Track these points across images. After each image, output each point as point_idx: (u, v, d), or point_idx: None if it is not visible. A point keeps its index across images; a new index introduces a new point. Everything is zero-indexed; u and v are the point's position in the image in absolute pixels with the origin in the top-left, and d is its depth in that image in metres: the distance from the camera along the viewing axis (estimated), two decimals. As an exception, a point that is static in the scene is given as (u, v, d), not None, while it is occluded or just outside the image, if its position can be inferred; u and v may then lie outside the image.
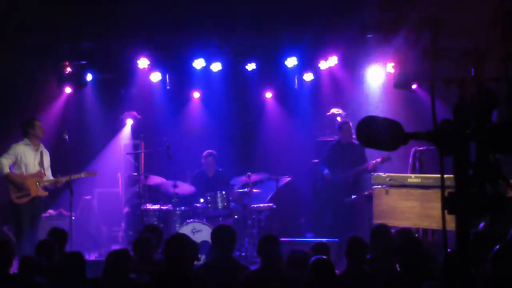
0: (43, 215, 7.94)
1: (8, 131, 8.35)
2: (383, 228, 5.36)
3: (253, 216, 8.60)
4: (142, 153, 9.59)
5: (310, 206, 9.89)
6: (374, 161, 8.41)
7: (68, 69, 9.31)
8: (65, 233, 5.87)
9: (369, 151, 8.44)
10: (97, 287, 4.43)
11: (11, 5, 7.71)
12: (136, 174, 8.91)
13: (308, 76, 10.25)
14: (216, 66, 9.81)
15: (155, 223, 8.49)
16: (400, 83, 8.58)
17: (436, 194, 6.94)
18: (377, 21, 7.77)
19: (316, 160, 9.47)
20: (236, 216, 8.72)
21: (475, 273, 2.16)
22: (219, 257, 5.01)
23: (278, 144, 10.58)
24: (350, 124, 8.80)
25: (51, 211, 8.78)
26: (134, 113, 10.27)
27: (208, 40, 9.24)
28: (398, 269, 4.57)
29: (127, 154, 9.75)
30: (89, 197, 9.54)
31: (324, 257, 4.30)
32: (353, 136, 8.77)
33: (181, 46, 9.46)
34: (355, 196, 8.58)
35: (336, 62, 9.64)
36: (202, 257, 7.00)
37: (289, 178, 9.62)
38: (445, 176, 2.26)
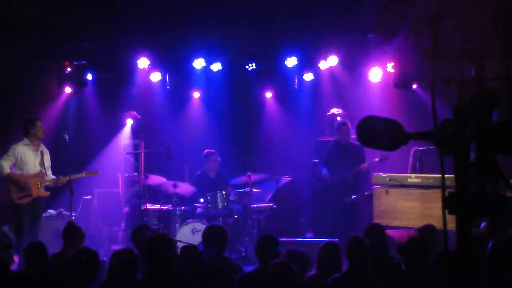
0: (43, 215, 7.94)
1: (8, 131, 8.35)
2: (376, 227, 5.36)
3: (253, 216, 8.60)
4: (142, 153, 9.58)
5: (310, 206, 9.90)
6: (366, 164, 8.45)
7: (68, 69, 9.31)
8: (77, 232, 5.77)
9: (369, 151, 8.45)
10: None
11: (11, 5, 7.71)
12: (136, 174, 8.90)
13: (308, 76, 10.26)
14: (216, 66, 9.81)
15: (155, 223, 8.51)
16: (400, 83, 8.57)
17: (436, 194, 6.94)
18: (377, 21, 7.77)
19: (316, 160, 9.48)
20: (236, 216, 8.72)
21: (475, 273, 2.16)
22: (211, 257, 5.00)
23: (278, 144, 10.58)
24: (349, 125, 8.83)
25: (51, 211, 8.78)
26: (134, 113, 10.26)
27: (208, 40, 9.24)
28: (403, 268, 4.57)
29: (127, 154, 9.75)
30: (89, 197, 9.53)
31: (282, 259, 4.32)
32: (353, 136, 8.79)
33: (181, 46, 9.46)
34: (355, 196, 8.59)
35: (336, 62, 9.64)
36: None
37: (289, 178, 9.63)
38: (445, 176, 2.26)
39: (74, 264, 4.34)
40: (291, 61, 9.70)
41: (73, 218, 7.88)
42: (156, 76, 10.01)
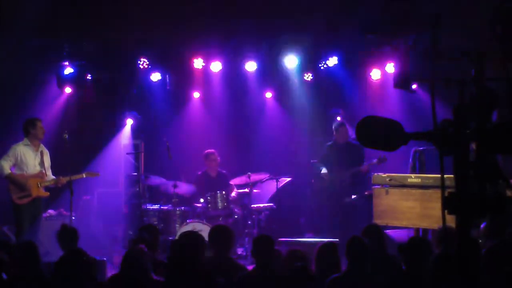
0: (43, 215, 7.94)
1: (8, 131, 8.35)
2: (374, 227, 5.36)
3: (253, 216, 8.61)
4: (142, 153, 9.58)
5: (310, 206, 9.90)
6: (367, 164, 8.47)
7: (68, 69, 9.30)
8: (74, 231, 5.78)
9: (368, 151, 8.45)
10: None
11: (11, 5, 7.71)
12: (136, 174, 8.90)
13: (308, 76, 10.26)
14: (216, 66, 9.81)
15: (155, 223, 8.50)
16: (400, 83, 8.57)
17: (436, 194, 6.93)
18: (377, 21, 7.77)
19: (315, 160, 9.49)
20: (236, 216, 8.72)
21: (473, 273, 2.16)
22: (216, 257, 5.00)
23: (278, 144, 10.58)
24: (346, 125, 8.84)
25: (51, 211, 8.77)
26: (134, 113, 10.27)
27: (208, 40, 9.23)
28: (403, 268, 4.58)
29: (127, 154, 9.75)
30: (89, 197, 9.53)
31: (302, 264, 4.32)
32: (352, 137, 8.80)
33: (181, 46, 9.46)
34: (355, 196, 8.60)
35: (336, 62, 9.64)
36: None
37: (289, 178, 9.63)
38: (445, 176, 2.26)
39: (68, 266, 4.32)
40: (291, 61, 9.70)
41: (73, 218, 7.88)
42: (156, 76, 10.00)
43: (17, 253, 4.71)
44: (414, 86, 9.17)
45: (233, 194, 8.94)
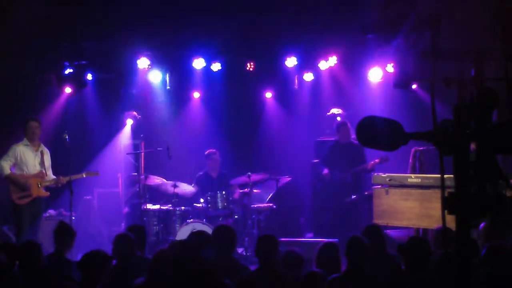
0: (43, 215, 7.94)
1: (8, 131, 8.35)
2: (374, 228, 5.36)
3: (253, 216, 8.60)
4: (142, 153, 9.58)
5: (310, 206, 9.90)
6: (373, 162, 8.46)
7: (68, 69, 9.29)
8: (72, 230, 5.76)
9: (369, 151, 8.45)
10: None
11: (11, 5, 7.71)
12: (136, 174, 8.90)
13: (308, 76, 10.26)
14: (216, 66, 9.81)
15: (155, 223, 8.51)
16: (400, 83, 8.57)
17: (436, 194, 6.94)
18: (377, 21, 7.76)
19: (316, 160, 9.48)
20: (236, 216, 8.72)
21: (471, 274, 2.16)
22: (219, 258, 5.00)
23: (278, 144, 10.59)
24: (348, 124, 8.83)
25: (51, 211, 8.77)
26: (134, 113, 10.26)
27: (208, 40, 9.23)
28: (403, 268, 4.58)
29: (127, 154, 9.74)
30: (89, 197, 9.53)
31: (318, 270, 4.32)
32: (353, 136, 8.80)
33: (181, 46, 9.46)
34: (355, 196, 8.60)
35: (336, 62, 9.64)
36: None
37: (289, 178, 9.63)
38: (445, 176, 2.26)
39: (83, 267, 4.33)
40: (291, 61, 9.70)
41: (73, 218, 7.87)
42: (156, 76, 10.00)
43: (20, 254, 4.71)
44: (414, 86, 9.17)
45: (236, 195, 8.94)
